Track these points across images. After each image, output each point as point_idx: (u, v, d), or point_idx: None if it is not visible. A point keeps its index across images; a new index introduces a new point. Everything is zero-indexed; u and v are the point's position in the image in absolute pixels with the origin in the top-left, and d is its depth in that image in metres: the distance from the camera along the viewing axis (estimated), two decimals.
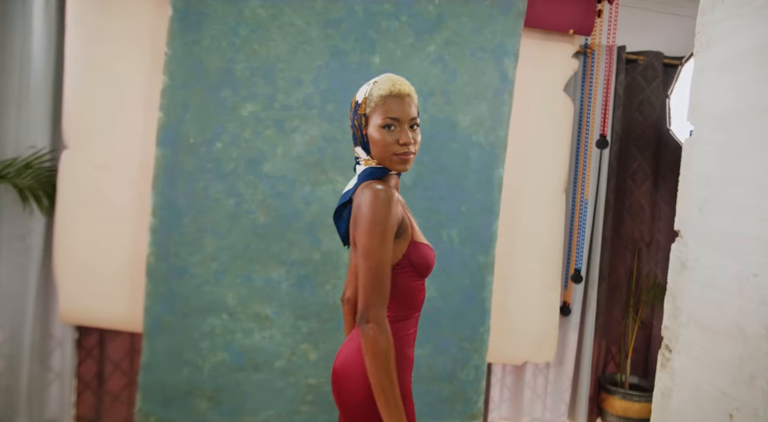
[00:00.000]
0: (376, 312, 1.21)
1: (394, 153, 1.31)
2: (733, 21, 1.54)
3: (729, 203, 1.51)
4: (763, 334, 1.36)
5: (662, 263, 3.34)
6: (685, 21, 3.29)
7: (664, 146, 3.30)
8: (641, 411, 3.09)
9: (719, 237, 1.54)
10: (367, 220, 1.22)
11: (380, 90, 1.34)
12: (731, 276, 1.48)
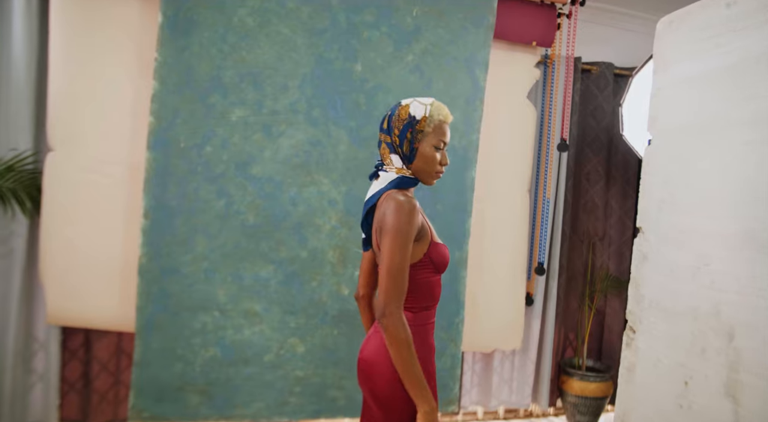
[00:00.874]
0: (394, 308, 1.36)
1: (435, 170, 1.51)
2: (683, 49, 1.80)
3: (683, 203, 1.77)
4: (712, 314, 1.61)
5: (614, 256, 3.65)
6: (633, 35, 3.61)
7: (615, 149, 3.60)
8: (596, 391, 3.39)
9: (675, 233, 1.79)
10: (391, 229, 1.37)
11: (440, 115, 1.50)
12: (686, 266, 1.73)
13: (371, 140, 2.75)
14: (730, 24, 1.64)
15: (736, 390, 1.51)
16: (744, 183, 1.56)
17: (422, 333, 1.50)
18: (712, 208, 1.66)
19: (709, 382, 1.60)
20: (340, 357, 2.76)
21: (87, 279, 2.59)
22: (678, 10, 1.88)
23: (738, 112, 1.60)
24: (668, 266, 1.81)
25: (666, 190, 1.86)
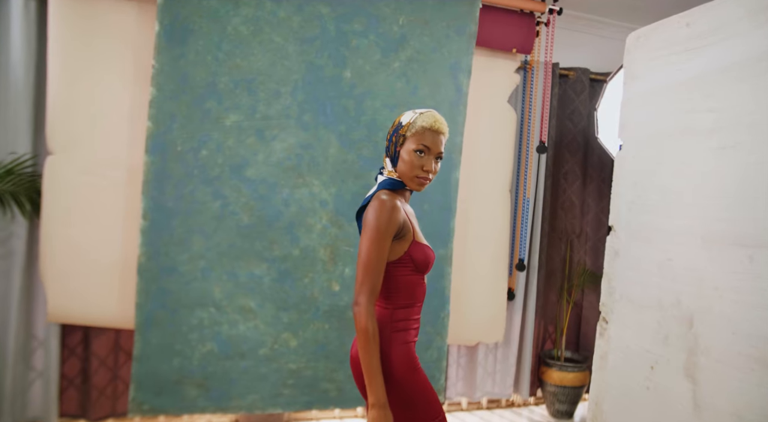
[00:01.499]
0: (364, 300, 1.45)
1: (416, 175, 1.58)
2: (650, 63, 1.96)
3: (650, 205, 1.93)
4: (674, 304, 1.78)
5: (590, 252, 3.83)
6: (607, 42, 3.79)
7: (591, 150, 3.78)
8: (574, 380, 3.57)
9: (643, 231, 1.96)
10: (368, 225, 1.48)
11: (424, 121, 1.57)
12: (652, 261, 1.89)
13: (359, 143, 2.88)
14: (690, 42, 1.80)
15: (694, 372, 1.68)
16: (703, 186, 1.72)
17: (404, 328, 1.58)
18: (675, 209, 1.83)
19: (671, 365, 1.77)
20: (331, 350, 2.89)
21: (86, 279, 2.68)
22: (645, 27, 2.04)
23: (699, 122, 1.76)
24: (637, 262, 1.98)
25: (635, 192, 2.03)
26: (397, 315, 1.60)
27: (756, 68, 1.56)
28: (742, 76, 1.60)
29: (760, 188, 1.52)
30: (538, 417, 3.69)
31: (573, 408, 3.65)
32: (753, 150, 1.56)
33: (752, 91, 1.57)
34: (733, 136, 1.62)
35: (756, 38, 1.56)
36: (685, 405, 1.70)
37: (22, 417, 2.77)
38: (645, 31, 2.04)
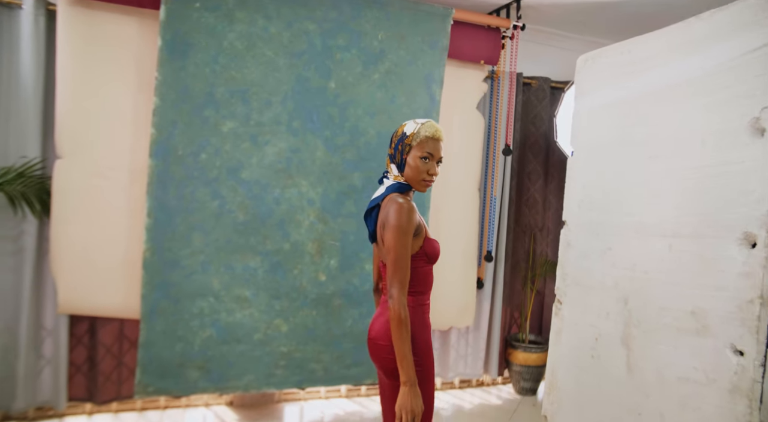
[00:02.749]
0: (397, 291, 1.66)
1: (422, 179, 1.78)
2: (596, 83, 2.32)
3: (595, 203, 2.29)
4: (613, 286, 2.14)
5: (552, 244, 4.21)
6: (566, 53, 4.15)
7: (552, 152, 4.15)
8: (537, 360, 3.95)
9: (589, 225, 2.31)
10: (393, 226, 1.67)
11: (426, 131, 1.77)
12: (596, 250, 2.25)
13: (343, 147, 3.17)
14: (627, 67, 2.16)
15: (629, 341, 2.04)
16: (636, 189, 2.08)
17: (419, 313, 1.82)
18: (614, 207, 2.19)
19: (611, 337, 2.13)
20: (318, 334, 3.19)
21: (94, 273, 2.91)
22: (592, 52, 2.39)
23: (634, 135, 2.12)
24: (584, 251, 2.34)
25: (583, 192, 2.38)
26: (416, 301, 1.82)
27: (676, 92, 1.92)
28: (666, 98, 1.96)
29: (677, 190, 1.88)
30: (506, 395, 4.06)
31: (536, 385, 4.03)
32: (674, 159, 1.92)
33: (674, 111, 1.93)
34: (660, 147, 1.98)
35: (676, 68, 1.92)
36: (620, 369, 2.07)
37: (33, 401, 2.99)
38: (592, 55, 2.39)
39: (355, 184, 3.22)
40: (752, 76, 1.63)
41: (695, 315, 1.78)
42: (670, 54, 1.97)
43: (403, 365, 1.65)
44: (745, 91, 1.64)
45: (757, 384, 1.55)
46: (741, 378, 1.59)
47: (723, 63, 1.73)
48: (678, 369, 1.84)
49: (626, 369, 2.04)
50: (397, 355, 1.66)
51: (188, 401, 3.36)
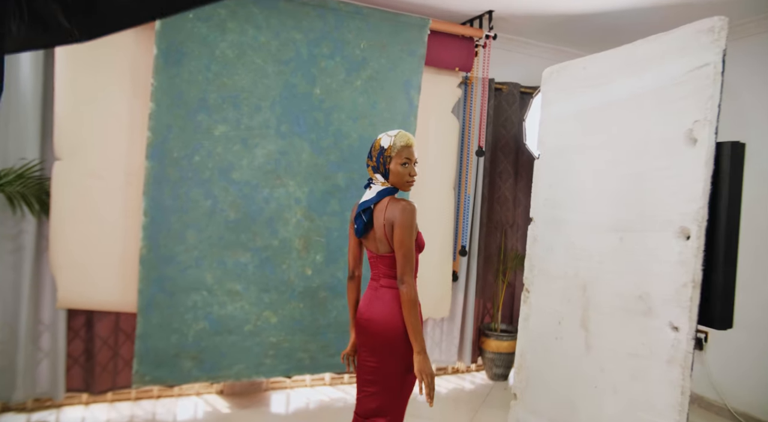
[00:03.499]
0: (409, 278, 1.98)
1: (406, 181, 2.06)
2: (559, 94, 2.58)
3: (558, 201, 2.55)
4: (574, 275, 2.40)
5: (521, 239, 4.49)
6: (535, 60, 4.44)
7: (521, 153, 4.43)
8: (508, 348, 4.23)
9: (553, 221, 2.58)
10: (403, 224, 1.96)
11: (400, 142, 2.05)
12: (559, 244, 2.52)
13: (328, 150, 3.39)
14: (586, 81, 2.43)
15: (587, 323, 2.31)
16: (593, 189, 2.35)
17: None
18: (574, 204, 2.46)
19: (572, 320, 2.40)
20: (305, 325, 3.40)
21: (92, 269, 3.06)
22: (555, 65, 2.66)
23: (592, 142, 2.39)
24: (549, 245, 2.60)
25: (549, 191, 2.65)
26: None
27: (626, 105, 2.20)
28: (617, 110, 2.24)
29: (627, 191, 2.16)
30: (479, 381, 4.34)
31: (507, 371, 4.32)
32: (625, 163, 2.19)
33: (624, 122, 2.20)
34: (612, 153, 2.26)
35: (626, 84, 2.20)
36: (580, 348, 2.34)
37: (32, 392, 3.13)
38: (556, 68, 2.66)
39: (339, 184, 3.43)
40: (687, 94, 1.90)
41: (642, 299, 2.05)
42: (620, 71, 2.24)
43: (417, 338, 1.96)
44: (682, 107, 1.92)
45: (688, 354, 1.83)
46: (676, 351, 1.87)
47: (664, 81, 2.00)
48: (628, 346, 2.12)
49: (585, 348, 2.31)
50: (411, 330, 1.96)
51: (180, 390, 3.54)
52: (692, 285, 1.85)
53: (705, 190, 1.86)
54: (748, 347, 3.67)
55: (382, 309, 2.06)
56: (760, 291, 3.60)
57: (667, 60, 2.01)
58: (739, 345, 3.71)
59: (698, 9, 3.48)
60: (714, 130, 1.85)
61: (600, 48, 4.32)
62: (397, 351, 2.04)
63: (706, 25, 1.87)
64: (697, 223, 1.85)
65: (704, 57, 1.88)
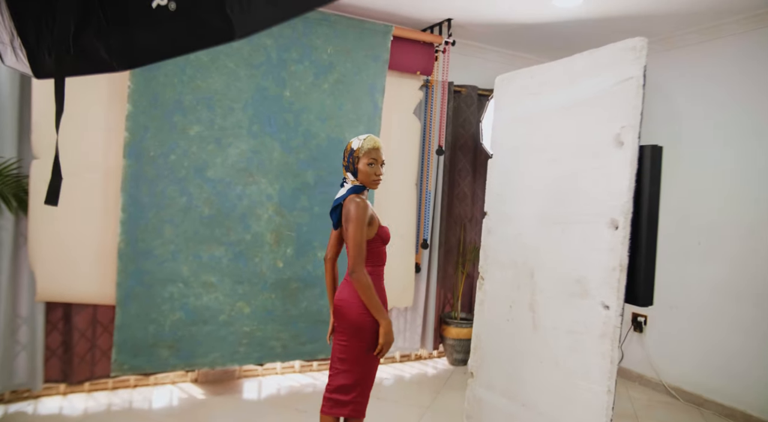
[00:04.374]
0: (359, 268, 2.20)
1: (372, 179, 2.30)
2: (510, 100, 2.85)
3: (509, 197, 2.83)
4: (522, 263, 2.68)
5: (479, 233, 4.78)
6: (491, 64, 4.73)
7: (479, 152, 4.72)
8: (467, 334, 4.51)
9: (505, 215, 2.85)
10: (352, 219, 2.20)
11: (368, 144, 2.29)
12: (510, 235, 2.79)
13: (297, 149, 3.59)
14: (533, 89, 2.71)
15: (534, 306, 2.59)
16: (537, 186, 2.63)
17: (377, 281, 2.33)
18: (522, 200, 2.74)
19: (521, 304, 2.68)
20: (277, 315, 3.60)
21: (70, 264, 3.18)
22: (507, 73, 2.93)
23: (536, 143, 2.67)
24: (502, 236, 2.88)
25: (501, 188, 2.92)
26: (375, 272, 2.34)
27: (565, 112, 2.48)
28: (558, 115, 2.52)
29: (567, 187, 2.44)
30: (441, 366, 4.62)
31: (467, 356, 4.60)
32: (564, 163, 2.48)
33: (565, 126, 2.49)
34: (554, 154, 2.54)
35: (565, 93, 2.48)
36: (528, 328, 2.62)
37: (10, 384, 3.23)
38: (507, 76, 2.93)
39: (308, 181, 3.64)
40: (615, 103, 2.20)
41: (579, 282, 2.35)
42: (561, 81, 2.52)
43: (380, 315, 2.23)
44: (611, 114, 2.21)
45: (616, 328, 2.13)
46: (607, 326, 2.17)
47: (597, 91, 2.29)
48: (567, 324, 2.41)
49: (532, 328, 2.60)
50: (374, 311, 2.23)
51: (156, 379, 3.68)
52: (620, 268, 2.15)
53: (630, 186, 2.15)
54: (680, 329, 4.06)
55: (350, 293, 2.29)
56: (691, 279, 3.99)
57: (599, 73, 2.30)
58: (673, 328, 4.10)
59: (631, 22, 3.83)
60: (637, 135, 2.15)
61: (550, 53, 4.67)
62: (363, 332, 2.27)
63: (630, 44, 2.17)
64: (624, 215, 2.15)
65: (629, 71, 2.17)
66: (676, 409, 3.87)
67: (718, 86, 3.88)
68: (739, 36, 3.74)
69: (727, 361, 3.73)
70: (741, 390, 3.64)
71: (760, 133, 3.60)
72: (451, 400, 3.80)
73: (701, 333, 3.92)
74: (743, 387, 3.62)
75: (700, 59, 4.01)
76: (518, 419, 2.64)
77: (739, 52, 3.75)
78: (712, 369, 3.83)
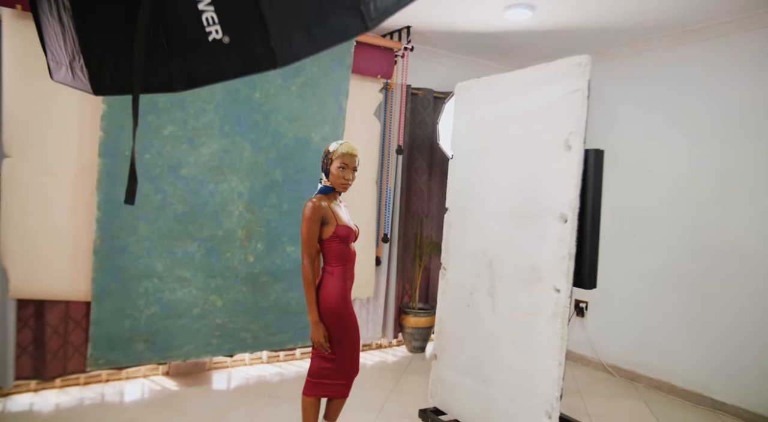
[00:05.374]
0: (307, 260, 2.41)
1: (340, 182, 2.50)
2: (468, 106, 3.13)
3: (468, 193, 3.11)
4: (482, 254, 2.97)
5: (436, 227, 5.09)
6: (446, 68, 5.03)
7: (435, 151, 5.01)
8: (425, 323, 4.81)
9: (465, 210, 3.13)
10: (304, 217, 2.42)
11: (342, 149, 2.48)
12: (470, 228, 3.07)
13: (267, 148, 3.75)
14: (489, 97, 2.99)
15: (493, 292, 2.89)
16: (496, 183, 2.93)
17: (339, 279, 2.50)
18: (480, 196, 3.02)
19: (481, 290, 2.97)
20: (248, 307, 3.75)
21: (43, 261, 3.22)
22: (466, 81, 3.21)
23: (492, 147, 2.96)
24: (462, 229, 3.16)
25: (461, 185, 3.20)
26: (336, 272, 2.52)
27: (520, 118, 2.78)
28: (513, 122, 2.82)
29: (521, 185, 2.74)
30: (400, 353, 4.89)
31: (424, 344, 4.90)
32: (519, 164, 2.78)
33: (519, 131, 2.79)
34: (509, 155, 2.84)
35: (518, 101, 2.78)
36: (487, 312, 2.91)
37: None
38: (466, 84, 3.21)
39: (277, 180, 3.81)
40: (564, 111, 2.51)
41: (534, 269, 2.65)
42: (516, 91, 2.82)
43: (311, 309, 2.43)
44: (561, 121, 2.52)
45: (566, 308, 2.45)
46: (557, 307, 2.48)
47: (548, 101, 2.60)
48: (524, 307, 2.71)
49: (491, 312, 2.90)
50: (307, 302, 2.44)
51: (128, 373, 3.76)
52: (569, 256, 2.47)
53: (577, 185, 2.47)
54: (616, 313, 4.50)
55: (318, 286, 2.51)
56: (626, 268, 4.43)
57: (550, 84, 2.61)
58: (610, 312, 4.54)
59: (574, 35, 4.21)
60: (583, 140, 2.47)
61: (501, 59, 5.02)
62: (327, 323, 2.48)
63: (576, 61, 2.48)
64: (572, 210, 2.46)
65: (575, 84, 2.49)
66: (613, 384, 4.30)
67: (648, 94, 4.33)
68: (665, 50, 4.19)
69: (656, 340, 4.19)
70: (668, 365, 4.10)
71: (685, 137, 4.06)
72: (412, 384, 4.08)
73: (634, 317, 4.36)
74: (670, 362, 4.09)
75: (632, 70, 4.45)
76: (479, 394, 2.94)
77: (665, 64, 4.20)
78: (644, 348, 4.28)
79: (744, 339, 3.65)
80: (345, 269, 2.56)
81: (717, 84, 3.87)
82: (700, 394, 3.88)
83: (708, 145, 3.92)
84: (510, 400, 2.73)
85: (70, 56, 1.20)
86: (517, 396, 2.69)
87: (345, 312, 2.54)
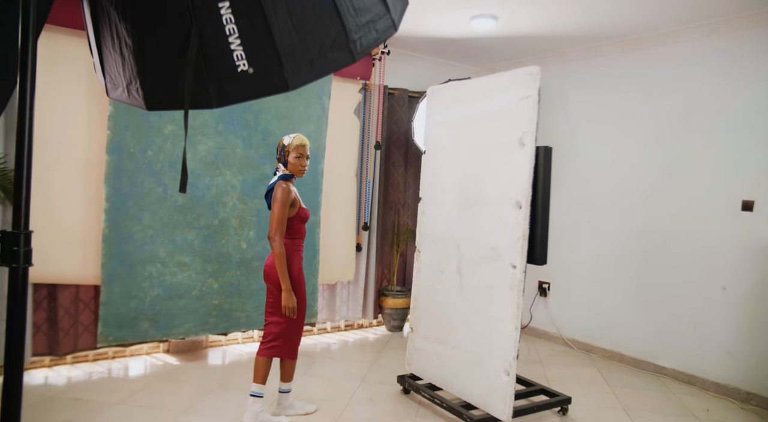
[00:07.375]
0: (278, 236, 2.82)
1: (299, 169, 2.93)
2: (439, 107, 3.55)
3: (438, 186, 3.54)
4: (451, 237, 3.40)
5: (411, 216, 5.51)
6: (420, 70, 5.44)
7: (410, 146, 5.43)
8: (402, 304, 5.24)
9: (436, 199, 3.56)
10: (276, 199, 2.82)
11: (296, 141, 2.92)
12: (440, 216, 3.50)
13: (257, 145, 4.12)
14: (457, 99, 3.42)
15: (461, 269, 3.32)
16: (462, 176, 3.35)
17: (296, 250, 2.97)
18: (450, 188, 3.45)
19: (450, 269, 3.41)
20: (241, 289, 4.13)
21: (56, 249, 3.55)
22: (437, 85, 3.62)
23: (458, 143, 3.39)
24: (434, 217, 3.59)
25: (433, 178, 3.63)
26: (295, 244, 2.99)
27: (482, 119, 3.21)
28: (477, 122, 3.25)
29: (484, 178, 3.18)
30: (380, 333, 5.32)
31: (402, 323, 5.34)
32: (482, 159, 3.21)
33: (481, 130, 3.22)
34: (473, 151, 3.27)
35: (482, 104, 3.20)
36: (456, 287, 3.35)
37: None
38: (437, 88, 3.62)
39: (267, 173, 4.18)
40: (519, 114, 2.95)
41: (494, 250, 3.10)
42: (479, 95, 3.25)
43: (283, 280, 2.86)
44: (516, 122, 2.96)
45: (521, 282, 2.90)
46: (514, 280, 2.93)
47: (505, 104, 3.04)
48: (486, 282, 3.15)
49: (459, 288, 3.33)
50: (279, 275, 2.86)
51: (131, 351, 4.12)
52: (523, 238, 2.91)
53: (529, 176, 2.92)
54: (574, 292, 5.00)
55: (272, 260, 2.93)
56: (582, 251, 4.92)
57: (506, 90, 3.05)
58: (569, 291, 5.04)
59: (534, 40, 4.66)
60: (534, 138, 2.91)
61: (469, 61, 5.45)
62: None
63: (528, 71, 2.92)
64: (525, 198, 2.91)
65: (528, 91, 2.93)
66: (571, 356, 4.80)
67: (599, 96, 4.81)
68: (614, 56, 4.67)
69: (608, 315, 4.70)
70: (620, 337, 4.62)
71: (631, 133, 4.55)
72: (391, 358, 4.51)
73: (590, 295, 4.87)
74: (621, 334, 4.60)
75: (586, 72, 4.92)
76: (450, 359, 3.38)
77: (613, 69, 4.68)
78: (598, 322, 4.79)
79: (679, 311, 4.17)
80: (300, 242, 3.04)
81: (654, 88, 4.37)
82: (645, 360, 4.40)
83: (648, 143, 4.42)
84: (475, 363, 3.18)
85: (128, 80, 1.58)
86: (481, 358, 3.14)
87: (302, 281, 3.03)
